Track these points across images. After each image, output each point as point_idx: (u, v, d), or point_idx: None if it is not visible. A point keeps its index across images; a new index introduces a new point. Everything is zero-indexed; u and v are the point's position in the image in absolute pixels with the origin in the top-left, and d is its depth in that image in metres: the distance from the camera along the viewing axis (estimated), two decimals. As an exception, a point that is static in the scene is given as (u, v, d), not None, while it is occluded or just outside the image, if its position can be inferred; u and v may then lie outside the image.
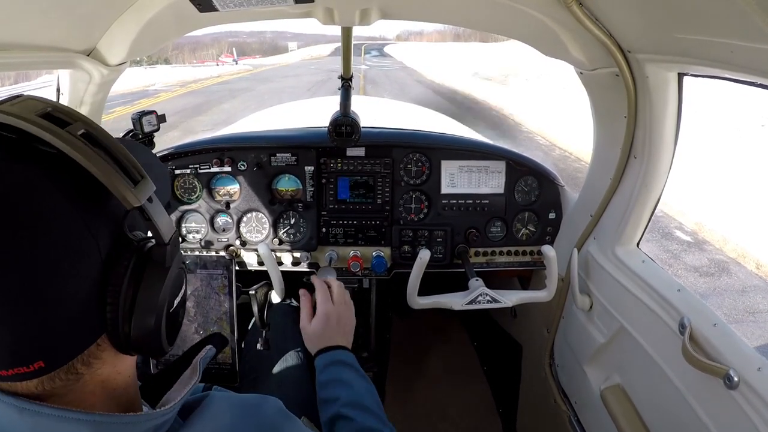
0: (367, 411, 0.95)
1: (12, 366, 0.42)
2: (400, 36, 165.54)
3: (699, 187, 6.05)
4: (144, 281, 0.47)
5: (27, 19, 0.85)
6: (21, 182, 0.42)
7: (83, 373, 0.47)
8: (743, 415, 0.84)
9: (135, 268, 0.47)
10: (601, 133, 1.36)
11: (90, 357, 0.47)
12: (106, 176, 0.44)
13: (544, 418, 1.73)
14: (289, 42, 78.04)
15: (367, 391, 1.01)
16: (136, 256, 0.48)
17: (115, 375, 0.51)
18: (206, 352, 0.60)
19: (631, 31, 0.97)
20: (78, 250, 0.44)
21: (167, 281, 0.49)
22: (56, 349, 0.44)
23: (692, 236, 5.31)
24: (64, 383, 0.46)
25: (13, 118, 0.42)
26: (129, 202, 0.45)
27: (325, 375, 1.05)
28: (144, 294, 0.47)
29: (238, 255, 1.65)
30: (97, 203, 0.46)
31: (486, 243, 1.68)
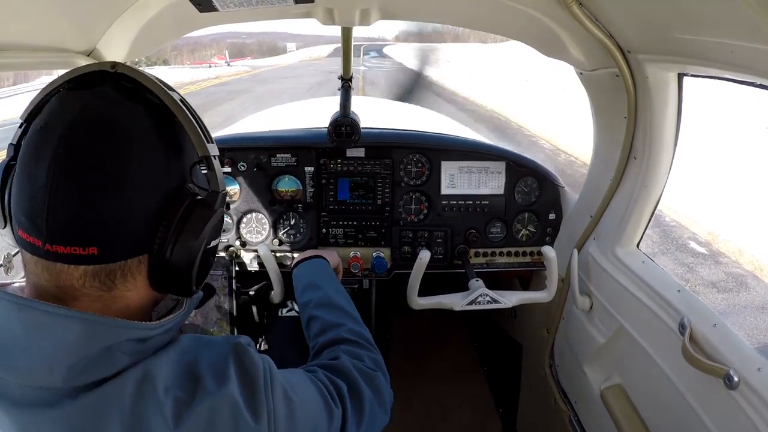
0: (333, 308, 1.03)
1: (71, 244, 0.50)
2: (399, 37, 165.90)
3: (709, 193, 5.92)
4: (195, 214, 0.56)
5: (27, 20, 0.85)
6: (130, 114, 0.54)
7: (117, 285, 0.54)
8: (743, 415, 0.84)
9: (190, 204, 0.56)
10: (601, 133, 1.37)
11: (128, 272, 0.54)
12: (193, 129, 0.57)
13: (544, 418, 1.73)
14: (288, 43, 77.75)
15: (336, 290, 1.11)
16: (192, 197, 0.57)
17: (137, 305, 0.57)
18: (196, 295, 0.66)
19: (631, 32, 0.97)
20: (156, 176, 0.54)
21: (212, 220, 0.58)
22: (110, 243, 0.52)
23: (706, 247, 5.06)
24: (99, 286, 0.53)
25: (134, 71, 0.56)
26: (204, 150, 0.58)
27: (301, 283, 1.17)
28: (192, 224, 0.56)
29: (237, 256, 1.65)
30: (177, 150, 0.58)
31: (486, 244, 1.68)
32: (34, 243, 0.51)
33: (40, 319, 0.49)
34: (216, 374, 0.57)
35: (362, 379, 0.80)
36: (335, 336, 0.93)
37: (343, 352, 0.86)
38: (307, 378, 0.73)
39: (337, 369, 0.80)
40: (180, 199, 0.56)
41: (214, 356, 0.59)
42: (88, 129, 0.51)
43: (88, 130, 0.51)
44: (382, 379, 0.85)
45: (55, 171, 0.49)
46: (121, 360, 0.52)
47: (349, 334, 0.93)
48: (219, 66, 40.55)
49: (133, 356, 0.53)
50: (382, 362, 0.90)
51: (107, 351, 0.51)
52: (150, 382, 0.52)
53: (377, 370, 0.86)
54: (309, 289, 1.13)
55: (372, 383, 0.82)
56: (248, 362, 0.60)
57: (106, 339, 0.51)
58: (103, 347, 0.51)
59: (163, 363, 0.55)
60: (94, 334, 0.51)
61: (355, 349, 0.89)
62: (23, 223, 0.51)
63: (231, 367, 0.59)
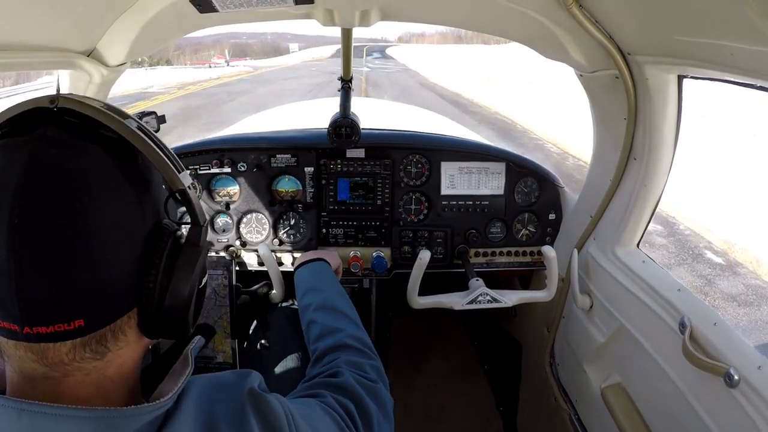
0: (333, 311, 1.02)
1: (53, 322, 0.44)
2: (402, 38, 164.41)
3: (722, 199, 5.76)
4: (181, 257, 0.52)
5: (27, 19, 0.85)
6: (85, 158, 0.47)
7: (109, 348, 0.49)
8: (743, 413, 0.85)
9: (173, 246, 0.52)
10: (601, 134, 1.37)
11: (119, 331, 0.50)
12: (159, 161, 0.51)
13: (545, 417, 1.73)
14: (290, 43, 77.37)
15: (338, 293, 1.10)
16: (173, 235, 0.52)
17: (131, 361, 0.53)
18: (196, 342, 0.62)
19: (631, 34, 0.97)
20: (128, 222, 0.49)
21: (201, 259, 0.54)
22: (97, 310, 0.47)
23: (723, 257, 4.84)
24: (91, 356, 0.48)
25: (80, 104, 0.49)
26: (176, 184, 0.52)
27: (302, 285, 1.16)
28: (181, 268, 0.52)
29: (238, 255, 1.65)
30: (146, 186, 0.52)
31: (486, 244, 1.68)
32: (9, 328, 0.44)
33: (45, 423, 0.44)
34: (235, 425, 0.54)
35: (366, 394, 0.80)
36: (336, 341, 0.92)
37: (344, 364, 0.86)
38: (319, 408, 0.71)
39: (342, 388, 0.79)
40: (161, 241, 0.51)
41: (230, 407, 0.56)
42: (42, 188, 0.44)
43: (42, 190, 0.44)
44: (383, 391, 0.85)
45: (14, 246, 0.42)
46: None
47: (350, 339, 0.93)
48: (219, 66, 40.24)
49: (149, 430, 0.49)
50: (382, 369, 0.90)
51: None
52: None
53: (378, 382, 0.86)
54: (310, 292, 1.13)
55: (376, 397, 0.81)
56: (268, 412, 0.58)
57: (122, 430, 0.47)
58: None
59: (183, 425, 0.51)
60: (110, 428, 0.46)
61: (356, 358, 0.89)
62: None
63: (251, 420, 0.56)
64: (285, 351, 1.46)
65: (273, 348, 1.49)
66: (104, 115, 0.49)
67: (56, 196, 0.44)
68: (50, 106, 0.48)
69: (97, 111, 0.49)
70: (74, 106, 0.48)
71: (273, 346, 1.49)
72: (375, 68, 32.60)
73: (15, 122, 0.48)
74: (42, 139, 0.46)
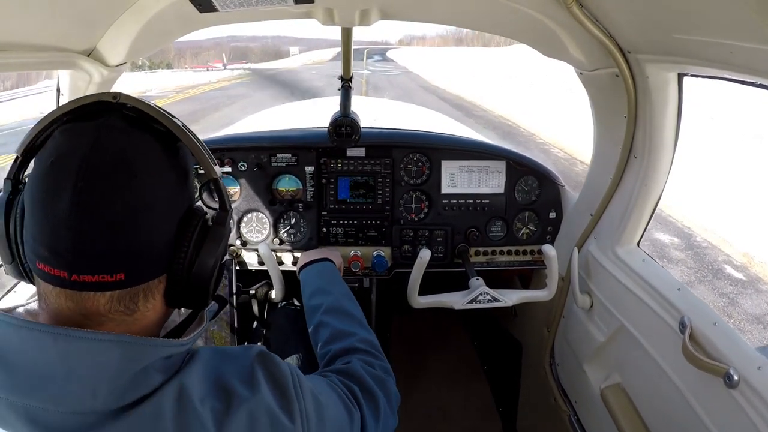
0: (343, 315, 1.04)
1: (98, 272, 0.51)
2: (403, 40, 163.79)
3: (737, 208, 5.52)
4: (210, 234, 0.60)
5: (27, 19, 0.85)
6: (140, 143, 0.55)
7: (140, 307, 0.56)
8: (743, 414, 0.85)
9: (204, 225, 0.60)
10: (601, 133, 1.37)
11: (149, 293, 0.57)
12: (200, 154, 0.60)
13: (544, 417, 1.73)
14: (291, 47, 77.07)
15: (345, 296, 1.12)
16: (204, 218, 0.61)
17: (154, 324, 0.60)
18: (210, 307, 0.68)
19: (631, 32, 0.97)
20: (170, 200, 0.57)
21: (225, 238, 0.62)
22: (136, 268, 0.54)
23: (744, 272, 4.57)
24: (124, 310, 0.54)
25: (137, 101, 0.57)
26: (211, 174, 0.61)
27: (309, 286, 1.18)
28: (209, 243, 0.59)
29: (238, 255, 1.65)
30: (185, 174, 0.61)
31: (486, 242, 1.68)
32: (59, 275, 0.51)
33: (77, 346, 0.50)
34: (245, 382, 0.60)
35: (374, 382, 0.83)
36: (348, 345, 0.94)
37: (354, 359, 0.89)
38: (324, 382, 0.76)
39: (349, 373, 0.82)
40: (194, 220, 0.59)
41: (238, 366, 0.62)
42: (105, 162, 0.52)
43: (104, 163, 0.52)
44: (392, 384, 0.88)
45: (78, 205, 0.50)
46: (155, 378, 0.54)
47: (361, 343, 0.95)
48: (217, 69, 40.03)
49: (165, 373, 0.55)
50: (390, 369, 0.93)
51: (144, 370, 0.53)
52: (186, 396, 0.54)
53: (388, 376, 0.89)
54: (318, 293, 1.13)
55: (383, 387, 0.84)
56: (275, 368, 0.64)
57: (144, 359, 0.53)
58: (141, 367, 0.52)
59: (193, 376, 0.57)
60: (133, 355, 0.52)
61: (367, 358, 0.92)
62: (45, 257, 0.52)
63: (259, 374, 0.61)
64: (285, 351, 1.46)
65: (273, 348, 1.49)
66: (156, 111, 0.57)
67: (115, 169, 0.52)
68: (112, 100, 0.57)
69: (151, 108, 0.57)
70: (132, 102, 0.57)
71: (273, 345, 1.50)
72: (376, 71, 31.87)
73: (81, 111, 0.57)
74: (105, 125, 0.54)
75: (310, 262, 1.28)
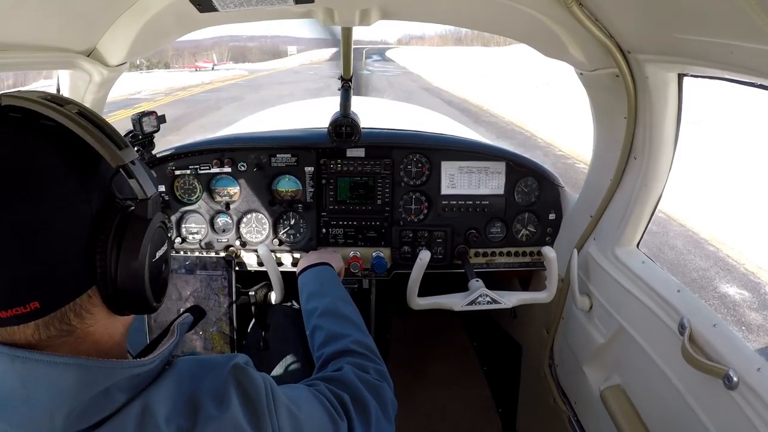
0: (338, 317, 1.03)
1: (10, 306, 0.47)
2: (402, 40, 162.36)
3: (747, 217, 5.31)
4: (128, 232, 0.53)
5: (27, 20, 0.85)
6: (25, 149, 0.49)
7: (76, 325, 0.52)
8: (742, 415, 0.84)
9: (120, 222, 0.53)
10: (601, 133, 1.37)
11: (82, 309, 0.52)
12: (97, 141, 0.52)
13: (544, 418, 1.73)
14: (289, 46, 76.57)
15: (342, 299, 1.10)
16: (122, 212, 0.54)
17: (107, 337, 0.56)
18: (184, 319, 0.65)
19: (631, 32, 0.97)
20: (72, 207, 0.50)
21: (148, 231, 0.55)
22: (50, 292, 0.49)
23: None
24: (58, 333, 0.51)
25: (19, 99, 0.51)
26: (115, 160, 0.52)
27: (306, 290, 1.17)
28: (127, 243, 0.53)
29: (238, 255, 1.65)
30: (90, 168, 0.53)
31: (486, 244, 1.68)
32: None
33: (34, 368, 0.48)
34: (216, 399, 0.57)
35: (366, 390, 0.80)
36: (341, 347, 0.93)
37: (347, 364, 0.86)
38: (309, 392, 0.72)
39: (340, 380, 0.80)
40: (108, 219, 0.53)
41: (213, 381, 0.59)
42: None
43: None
44: (387, 390, 0.85)
45: None
46: (118, 397, 0.52)
47: (355, 345, 0.93)
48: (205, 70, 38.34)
49: (130, 391, 0.53)
50: (387, 373, 0.90)
51: (105, 391, 0.51)
52: (150, 415, 0.52)
53: (383, 381, 0.86)
54: (315, 297, 1.13)
55: (377, 394, 0.81)
56: (248, 383, 0.60)
57: (104, 381, 0.51)
58: (102, 389, 0.50)
59: (160, 393, 0.54)
60: (92, 378, 0.50)
61: (361, 361, 0.89)
62: None
63: (231, 390, 0.58)
64: (284, 351, 1.46)
65: (272, 348, 1.49)
66: (43, 106, 0.51)
67: (6, 189, 0.47)
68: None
69: (35, 102, 0.51)
70: (15, 102, 0.51)
71: (272, 346, 1.50)
72: (375, 71, 31.00)
73: None
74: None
75: (309, 266, 1.28)
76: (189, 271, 1.46)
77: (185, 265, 1.46)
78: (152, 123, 1.32)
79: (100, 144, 0.52)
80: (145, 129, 1.29)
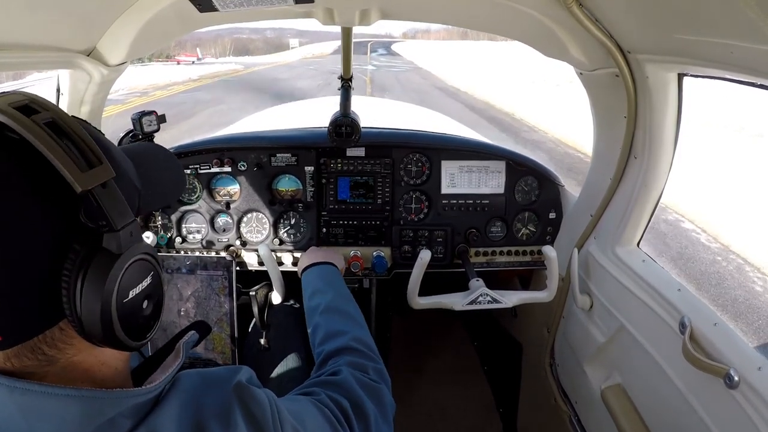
0: (339, 314, 1.03)
1: None
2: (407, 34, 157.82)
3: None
4: (91, 268, 0.46)
5: (27, 19, 0.85)
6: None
7: (54, 356, 0.48)
8: (743, 414, 0.84)
9: (85, 255, 0.46)
10: (601, 133, 1.37)
11: (56, 341, 0.48)
12: (58, 159, 0.44)
13: (545, 417, 1.73)
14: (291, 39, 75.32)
15: (344, 297, 1.11)
16: (90, 243, 0.47)
17: (99, 366, 0.52)
18: (189, 337, 0.62)
19: (631, 32, 0.97)
20: (33, 235, 0.44)
21: (115, 268, 0.47)
22: (10, 326, 0.45)
23: None
24: (33, 363, 0.47)
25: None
26: (76, 185, 0.45)
27: (309, 288, 1.18)
28: (90, 280, 0.46)
29: (238, 255, 1.65)
30: (58, 190, 0.46)
31: (486, 243, 1.68)
32: None
33: (36, 400, 0.46)
34: (222, 420, 0.55)
35: (366, 394, 0.79)
36: (339, 345, 0.93)
37: (345, 365, 0.86)
38: (311, 405, 0.71)
39: (338, 385, 0.79)
40: (74, 250, 0.46)
41: (218, 401, 0.57)
42: None
43: None
44: (385, 392, 0.85)
45: None
46: (123, 425, 0.49)
47: (355, 342, 0.93)
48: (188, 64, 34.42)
49: (134, 417, 0.51)
50: (385, 372, 0.90)
51: (110, 421, 0.48)
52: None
53: (380, 383, 0.86)
54: (317, 294, 1.14)
55: (376, 397, 0.81)
56: (253, 405, 0.59)
57: (108, 412, 0.48)
58: (106, 419, 0.48)
59: (165, 417, 0.52)
60: (97, 410, 0.48)
61: (359, 360, 0.89)
62: None
63: (237, 412, 0.57)
64: (285, 351, 1.46)
65: (273, 348, 1.49)
66: (6, 115, 0.44)
67: None
68: None
69: (1, 113, 0.44)
70: None
71: (273, 346, 1.50)
72: (381, 66, 28.81)
73: None
74: None
75: (312, 265, 1.29)
76: (190, 271, 1.46)
77: (186, 265, 1.46)
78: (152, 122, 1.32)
79: (63, 163, 0.44)
80: (145, 128, 1.29)
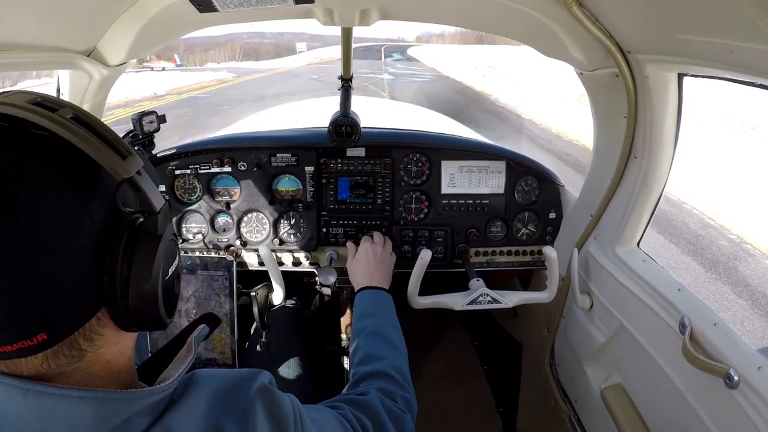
0: (381, 339, 1.04)
1: (15, 340, 0.43)
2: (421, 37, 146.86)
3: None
4: (138, 250, 0.49)
5: (27, 19, 0.85)
6: (15, 163, 0.43)
7: (86, 350, 0.48)
8: (743, 414, 0.84)
9: (129, 240, 0.48)
10: (601, 133, 1.37)
11: (92, 332, 0.48)
12: (96, 151, 0.46)
13: (545, 417, 1.73)
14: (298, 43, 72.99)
15: (390, 325, 1.13)
16: (130, 228, 0.49)
17: (118, 355, 0.52)
18: (200, 331, 0.62)
19: (631, 32, 0.97)
20: (73, 225, 0.45)
21: (160, 249, 0.50)
22: (57, 321, 0.45)
23: None
24: (68, 360, 0.47)
25: (5, 106, 0.44)
26: (119, 173, 0.47)
27: (360, 307, 1.21)
28: (139, 263, 0.49)
29: (238, 255, 1.65)
30: (90, 180, 0.48)
31: (486, 243, 1.68)
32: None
33: (50, 402, 0.45)
34: (241, 423, 0.55)
35: (390, 419, 0.79)
36: (375, 368, 0.94)
37: (376, 389, 0.86)
38: (333, 417, 0.72)
39: (364, 406, 0.79)
40: (115, 236, 0.48)
41: (237, 401, 0.57)
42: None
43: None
44: (409, 423, 0.85)
45: None
46: (140, 424, 0.49)
47: (390, 368, 0.94)
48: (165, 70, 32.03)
49: (150, 415, 0.50)
50: (414, 403, 0.91)
51: (126, 421, 0.48)
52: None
53: (406, 413, 0.86)
54: (365, 317, 1.16)
55: (399, 424, 0.81)
56: (277, 408, 0.59)
57: (123, 413, 0.48)
58: (121, 420, 0.48)
59: (182, 415, 0.52)
60: (111, 411, 0.47)
61: (391, 387, 0.89)
62: None
63: (259, 414, 0.57)
64: (285, 351, 1.46)
65: (274, 349, 1.49)
66: (30, 113, 0.45)
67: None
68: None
69: (23, 109, 0.44)
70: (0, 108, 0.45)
71: (274, 346, 1.50)
72: (399, 74, 24.50)
73: None
74: None
75: (370, 287, 1.30)
76: (190, 272, 1.46)
77: (186, 265, 1.46)
78: (152, 122, 1.32)
79: (101, 154, 0.46)
80: (145, 128, 1.29)
